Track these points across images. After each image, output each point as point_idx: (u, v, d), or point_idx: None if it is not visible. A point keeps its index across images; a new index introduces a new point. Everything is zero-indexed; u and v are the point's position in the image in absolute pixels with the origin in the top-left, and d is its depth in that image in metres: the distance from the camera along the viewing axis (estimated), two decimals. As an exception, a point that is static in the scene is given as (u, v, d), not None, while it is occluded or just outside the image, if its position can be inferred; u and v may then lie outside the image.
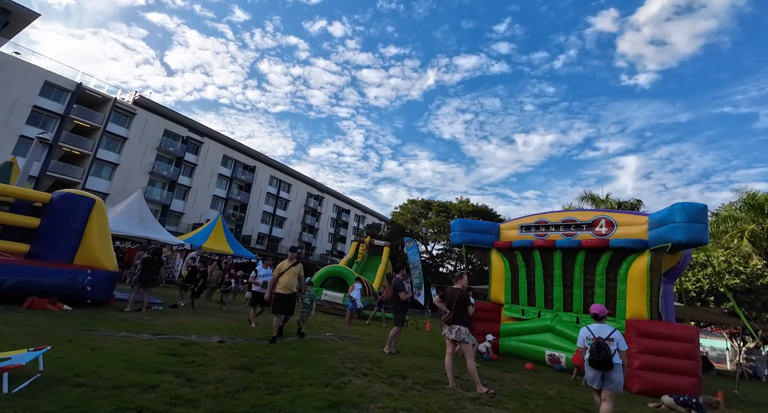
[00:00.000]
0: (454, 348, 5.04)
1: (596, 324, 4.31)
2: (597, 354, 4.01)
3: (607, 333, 4.21)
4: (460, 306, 5.05)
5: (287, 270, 6.53)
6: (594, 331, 4.21)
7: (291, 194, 50.65)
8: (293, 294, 6.55)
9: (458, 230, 10.33)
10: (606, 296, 7.80)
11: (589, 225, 8.47)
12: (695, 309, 13.12)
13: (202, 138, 38.54)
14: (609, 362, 4.02)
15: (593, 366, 4.05)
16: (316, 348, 5.85)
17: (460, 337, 4.91)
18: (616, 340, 4.22)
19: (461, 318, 5.01)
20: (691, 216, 6.18)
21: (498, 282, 9.81)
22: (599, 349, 4.04)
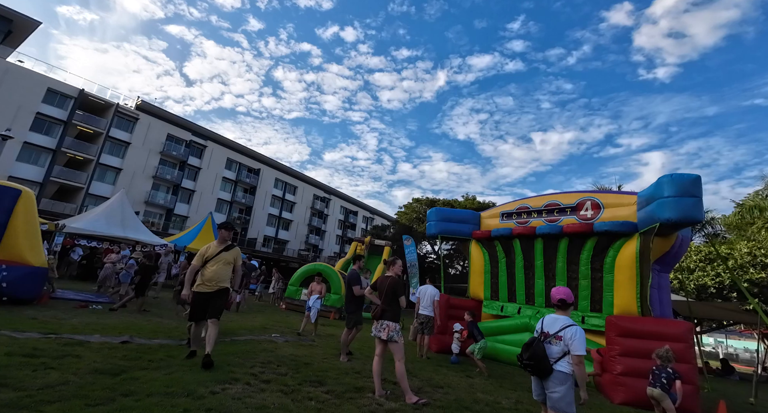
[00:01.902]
0: (383, 348, 4.16)
1: (556, 314, 3.33)
2: (524, 352, 3.10)
3: (557, 328, 3.21)
4: (389, 297, 4.19)
5: (215, 257, 4.52)
6: (546, 323, 3.25)
7: (297, 196, 50.45)
8: (221, 291, 4.48)
9: (434, 220, 9.43)
10: (592, 288, 6.74)
11: (574, 209, 7.43)
12: (706, 304, 11.71)
13: (205, 142, 38.75)
14: (541, 366, 3.03)
15: (528, 371, 3.13)
16: (233, 350, 5.07)
17: (388, 335, 4.03)
18: (567, 339, 3.19)
19: (390, 313, 4.14)
20: (682, 190, 5.10)
21: (477, 276, 8.84)
22: (529, 347, 3.11)
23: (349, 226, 61.32)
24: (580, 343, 3.06)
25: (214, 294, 4.46)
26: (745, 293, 6.13)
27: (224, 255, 4.59)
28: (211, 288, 4.45)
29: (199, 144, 38.16)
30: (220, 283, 4.50)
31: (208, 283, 4.45)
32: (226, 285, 4.57)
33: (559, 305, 3.31)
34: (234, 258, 4.69)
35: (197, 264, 4.57)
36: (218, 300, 4.46)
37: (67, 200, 29.21)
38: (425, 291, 7.22)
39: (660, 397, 4.27)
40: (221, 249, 4.61)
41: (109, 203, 15.33)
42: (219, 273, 4.50)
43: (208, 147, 38.96)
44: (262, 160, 45.14)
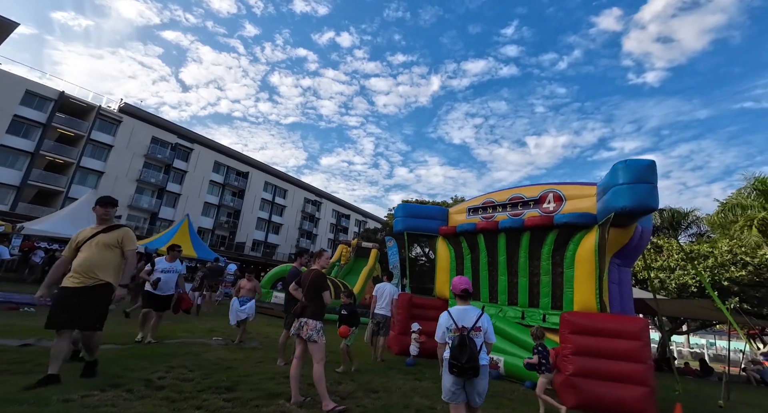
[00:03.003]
0: (303, 349, 3.76)
1: (460, 305, 3.01)
2: (460, 356, 2.71)
3: (473, 319, 2.91)
4: (311, 293, 3.81)
5: (88, 240, 3.43)
6: (456, 317, 2.91)
7: (287, 200, 49.97)
8: (98, 288, 3.33)
9: (401, 216, 9.08)
10: (552, 284, 6.40)
11: (537, 202, 7.11)
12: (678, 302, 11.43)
13: (192, 144, 38.29)
14: (476, 365, 2.73)
15: (454, 373, 2.75)
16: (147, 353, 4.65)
17: (307, 334, 3.64)
18: (484, 329, 2.93)
19: (312, 310, 3.76)
20: (637, 176, 4.78)
21: (443, 274, 8.48)
22: (463, 347, 2.74)
23: (341, 230, 60.83)
24: (493, 330, 2.99)
25: (86, 292, 3.25)
26: (710, 290, 5.83)
27: (102, 237, 3.42)
28: (82, 282, 3.26)
29: (185, 147, 37.68)
30: (96, 274, 3.30)
31: (77, 274, 3.27)
32: (105, 278, 3.36)
33: (462, 295, 2.99)
34: (118, 240, 3.49)
35: (68, 254, 3.48)
36: (94, 301, 3.28)
37: (46, 204, 28.56)
38: (383, 290, 6.84)
39: (548, 377, 4.43)
40: (99, 230, 3.49)
41: (77, 204, 14.85)
42: (93, 260, 3.32)
43: (195, 150, 38.49)
44: (251, 163, 44.70)
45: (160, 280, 5.59)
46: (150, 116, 35.33)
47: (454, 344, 2.74)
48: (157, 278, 5.60)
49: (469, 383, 2.78)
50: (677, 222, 21.41)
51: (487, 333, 2.93)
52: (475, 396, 2.80)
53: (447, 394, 2.79)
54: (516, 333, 6.36)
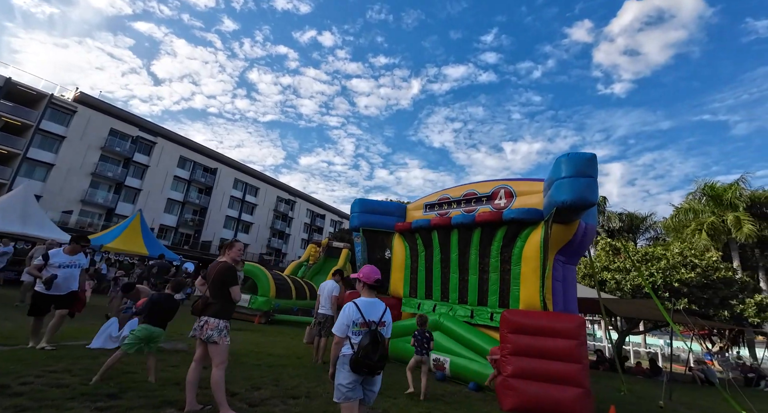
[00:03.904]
0: (203, 351, 3.30)
1: (368, 297, 2.67)
2: (373, 353, 2.38)
3: (379, 313, 2.61)
4: (216, 287, 3.35)
5: None
6: (365, 310, 2.57)
7: (258, 198, 48.57)
8: None
9: (357, 211, 8.72)
10: (501, 281, 6.22)
11: (489, 198, 6.95)
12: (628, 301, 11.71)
13: (155, 138, 36.44)
14: (385, 363, 2.50)
15: (363, 372, 2.39)
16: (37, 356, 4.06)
17: (206, 335, 3.19)
18: (388, 324, 2.67)
19: (216, 307, 3.30)
20: (577, 169, 4.65)
21: (398, 272, 8.19)
22: (376, 344, 2.42)
23: (315, 230, 59.78)
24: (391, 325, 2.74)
25: None
26: (649, 291, 5.85)
27: None
28: None
29: (147, 140, 35.80)
30: None
31: None
32: None
33: (374, 286, 2.67)
34: None
35: None
36: None
37: (-14, 197, 26.26)
38: (323, 288, 6.44)
39: (426, 360, 4.79)
40: None
41: (8, 197, 13.55)
42: None
43: (158, 144, 36.65)
44: (220, 159, 43.10)
45: (56, 278, 4.72)
46: (109, 107, 33.33)
47: (365, 341, 2.41)
48: (51, 275, 4.71)
49: (367, 380, 2.51)
50: (636, 226, 22.24)
51: (389, 327, 2.66)
52: (371, 394, 2.55)
53: (342, 395, 2.43)
54: (464, 332, 6.12)
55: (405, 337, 6.84)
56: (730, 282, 13.65)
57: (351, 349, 2.43)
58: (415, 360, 4.88)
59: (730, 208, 17.08)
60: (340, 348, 2.51)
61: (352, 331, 2.50)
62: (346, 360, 2.41)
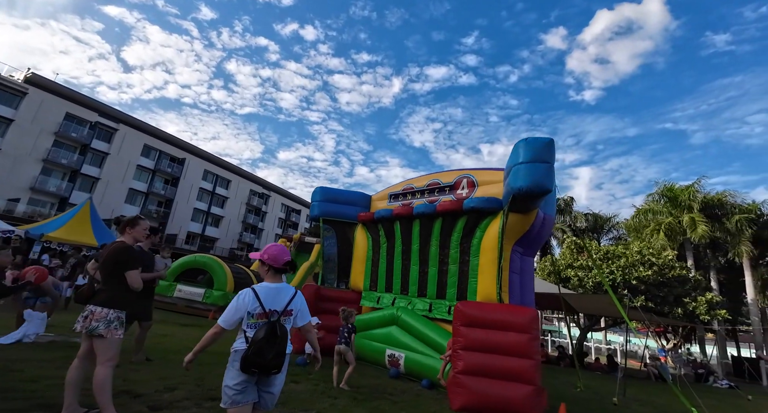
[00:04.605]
0: (88, 347, 2.71)
1: (272, 282, 2.22)
2: (267, 350, 1.95)
3: (284, 300, 2.17)
4: (108, 271, 2.80)
5: None
6: (265, 297, 2.12)
7: (230, 191, 46.87)
8: None
9: (318, 200, 8.29)
10: (459, 274, 6.00)
11: (452, 188, 6.73)
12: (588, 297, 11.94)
13: (117, 125, 34.32)
14: (283, 360, 2.04)
15: (252, 372, 1.96)
16: None
17: (88, 326, 2.62)
18: (296, 311, 2.24)
19: (104, 295, 2.73)
20: (535, 155, 4.46)
21: (359, 264, 7.83)
22: (273, 339, 1.99)
23: (290, 225, 58.41)
24: (307, 309, 2.34)
25: None
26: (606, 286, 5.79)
27: None
28: None
29: (107, 127, 33.66)
30: None
31: None
32: None
33: (282, 270, 2.27)
34: None
35: None
36: None
37: None
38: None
39: (344, 351, 4.68)
40: None
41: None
42: None
43: (120, 131, 34.54)
44: (189, 149, 41.21)
45: None
46: (65, 90, 31.05)
47: (259, 334, 1.97)
48: None
49: (263, 380, 2.07)
50: (600, 226, 22.94)
51: (299, 315, 2.25)
52: (268, 396, 2.10)
53: (228, 399, 1.98)
54: (420, 327, 5.85)
55: (362, 332, 6.51)
56: (684, 281, 14.20)
57: (245, 344, 2.01)
58: (335, 350, 4.79)
59: (686, 210, 17.86)
60: (216, 338, 2.07)
61: (248, 324, 2.06)
62: (237, 357, 1.98)
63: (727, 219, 17.39)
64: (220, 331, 2.07)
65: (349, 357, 4.73)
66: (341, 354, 4.73)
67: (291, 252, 23.37)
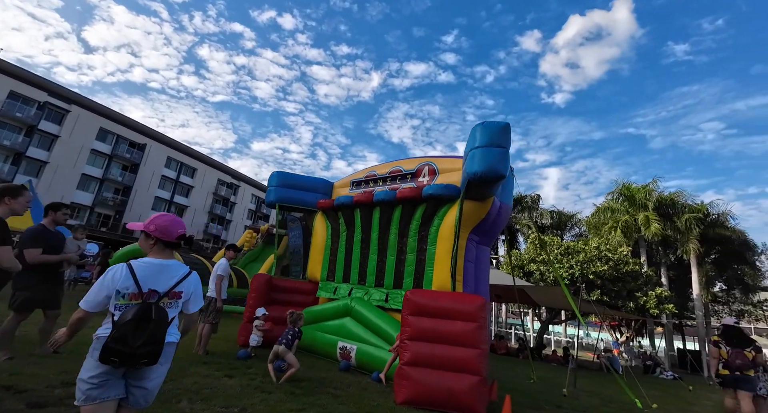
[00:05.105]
0: None
1: (157, 258, 1.85)
2: (134, 337, 1.59)
3: (172, 280, 1.82)
4: None
5: None
6: (143, 275, 1.75)
7: (196, 180, 44.82)
8: None
9: (275, 185, 7.88)
10: (417, 262, 5.83)
11: (414, 175, 6.52)
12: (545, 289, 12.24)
13: (69, 106, 31.77)
14: (157, 350, 1.67)
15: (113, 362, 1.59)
16: None
17: None
18: (187, 295, 1.89)
19: None
20: (491, 139, 4.31)
21: (317, 253, 7.50)
22: (142, 324, 1.62)
23: (261, 217, 56.72)
24: (201, 295, 2.00)
25: None
26: (560, 280, 5.83)
27: None
28: None
29: (58, 108, 31.09)
30: None
31: None
32: None
33: (179, 244, 1.92)
34: None
35: None
36: None
37: None
38: (216, 266, 5.57)
39: (283, 353, 4.33)
40: None
41: None
42: None
43: (73, 112, 32.01)
44: (151, 135, 38.92)
45: None
46: (9, 67, 28.29)
47: (126, 318, 1.61)
48: None
49: (135, 374, 1.71)
50: (563, 223, 23.74)
51: (194, 300, 1.92)
52: (140, 392, 1.73)
53: (83, 394, 1.61)
54: (374, 318, 5.62)
55: (315, 324, 6.22)
56: (637, 276, 14.87)
57: (110, 329, 1.63)
58: (273, 350, 4.46)
59: (642, 209, 18.74)
60: (75, 325, 1.71)
61: (116, 305, 1.68)
62: (99, 345, 1.61)
63: (677, 218, 18.41)
64: (84, 316, 1.69)
65: (289, 359, 4.34)
66: (279, 355, 4.41)
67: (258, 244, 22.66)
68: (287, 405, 3.32)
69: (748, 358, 4.76)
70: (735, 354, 4.78)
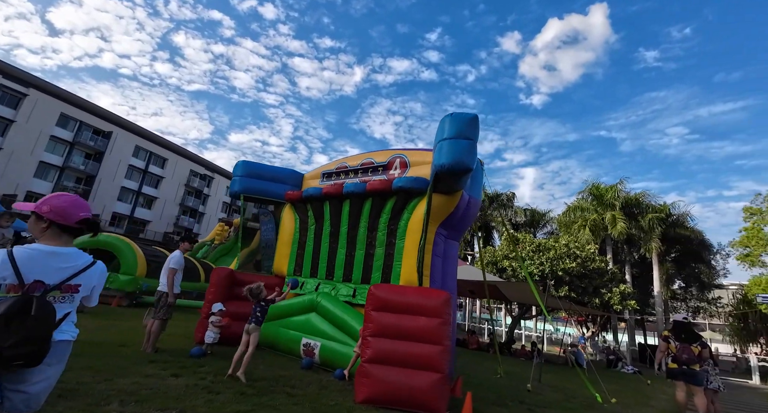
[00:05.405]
0: None
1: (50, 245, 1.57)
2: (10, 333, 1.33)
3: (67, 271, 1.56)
4: None
5: None
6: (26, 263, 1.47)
7: (166, 170, 42.99)
8: None
9: (239, 175, 7.53)
10: (385, 257, 5.69)
11: (385, 167, 6.36)
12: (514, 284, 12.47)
13: (26, 89, 29.67)
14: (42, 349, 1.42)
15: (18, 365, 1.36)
16: None
17: None
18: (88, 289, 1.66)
19: None
20: (458, 131, 4.22)
21: (285, 247, 7.22)
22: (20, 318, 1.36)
23: (236, 210, 54.99)
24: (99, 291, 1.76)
25: None
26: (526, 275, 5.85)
27: None
28: None
29: (14, 91, 28.95)
30: None
31: None
32: None
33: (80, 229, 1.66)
34: None
35: None
36: None
37: None
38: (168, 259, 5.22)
39: (253, 330, 4.30)
40: None
41: None
42: None
43: (31, 96, 29.90)
44: (118, 122, 36.94)
45: None
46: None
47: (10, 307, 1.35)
48: None
49: (11, 377, 1.44)
50: (536, 221, 24.32)
51: (92, 297, 1.71)
52: (19, 397, 1.45)
53: None
54: (340, 313, 5.43)
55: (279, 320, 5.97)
56: (603, 273, 15.38)
57: None
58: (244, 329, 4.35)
59: (610, 208, 19.43)
60: None
61: None
62: None
63: (642, 217, 19.19)
64: None
65: (253, 339, 4.23)
66: (249, 333, 4.27)
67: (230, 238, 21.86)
68: (234, 407, 3.10)
69: (695, 353, 5.01)
70: (682, 349, 5.03)
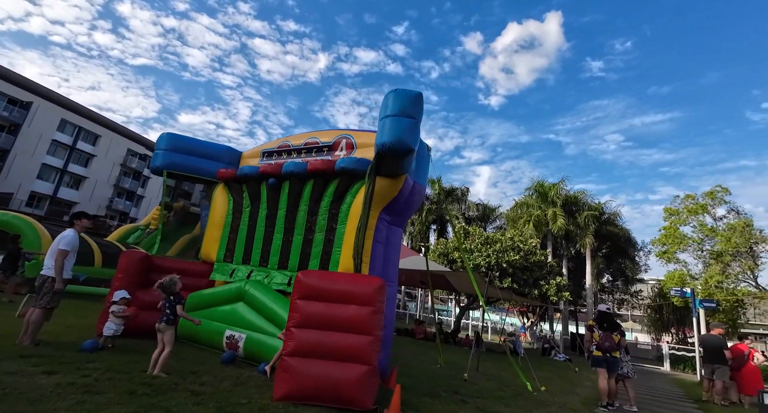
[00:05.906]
0: None
1: None
2: None
3: None
4: None
5: None
6: None
7: (98, 147, 38.72)
8: None
9: (163, 148, 6.68)
10: (325, 242, 5.30)
11: (330, 148, 5.94)
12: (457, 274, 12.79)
13: None
14: None
15: None
16: None
17: None
18: None
19: None
20: (401, 108, 3.95)
21: (215, 230, 6.55)
22: None
23: (182, 194, 51.16)
24: None
25: None
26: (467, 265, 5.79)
27: None
28: None
29: None
30: None
31: None
32: None
33: None
34: None
35: None
36: None
37: None
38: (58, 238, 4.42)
39: (165, 329, 3.88)
40: None
41: None
42: None
43: None
44: (39, 92, 32.43)
45: None
46: None
47: None
48: None
49: None
50: (487, 215, 25.21)
51: None
52: None
53: None
54: (269, 303, 4.97)
55: (201, 311, 5.36)
56: (543, 266, 16.21)
57: None
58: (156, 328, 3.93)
59: (552, 205, 20.61)
60: None
61: None
62: None
63: (579, 214, 20.57)
64: None
65: (167, 338, 3.79)
66: (162, 332, 3.87)
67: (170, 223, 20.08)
68: (114, 410, 2.58)
69: (615, 341, 5.36)
70: (605, 337, 5.37)
